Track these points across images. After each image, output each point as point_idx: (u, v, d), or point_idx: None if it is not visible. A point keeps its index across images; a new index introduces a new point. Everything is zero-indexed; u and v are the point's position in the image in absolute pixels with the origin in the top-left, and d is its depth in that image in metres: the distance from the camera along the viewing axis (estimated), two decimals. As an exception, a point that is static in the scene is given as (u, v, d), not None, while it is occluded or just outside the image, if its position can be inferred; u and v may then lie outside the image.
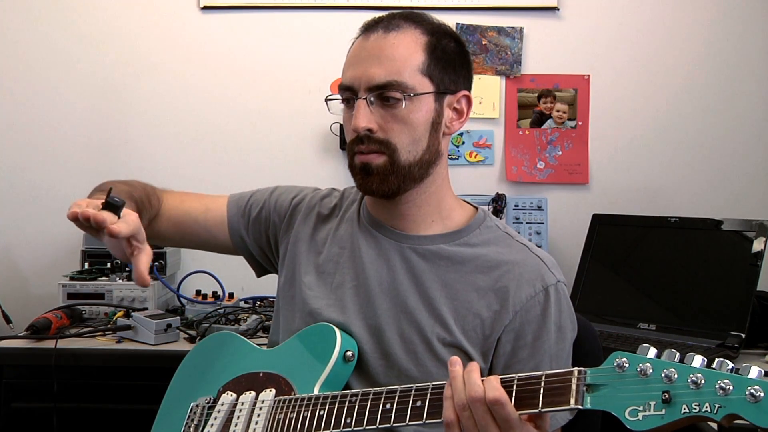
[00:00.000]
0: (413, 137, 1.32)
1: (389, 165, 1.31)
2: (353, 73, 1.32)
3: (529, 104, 2.78)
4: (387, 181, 1.32)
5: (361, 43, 1.35)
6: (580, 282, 2.46)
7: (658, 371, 0.93)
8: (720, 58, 2.75)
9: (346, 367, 1.34)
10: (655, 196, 2.74)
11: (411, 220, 1.39)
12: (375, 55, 1.31)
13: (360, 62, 1.33)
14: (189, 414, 1.44)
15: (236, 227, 1.57)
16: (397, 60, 1.30)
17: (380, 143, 1.31)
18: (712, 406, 0.88)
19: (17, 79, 2.75)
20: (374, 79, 1.29)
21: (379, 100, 1.30)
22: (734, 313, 2.14)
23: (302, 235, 1.50)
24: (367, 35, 1.35)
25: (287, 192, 1.59)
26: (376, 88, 1.30)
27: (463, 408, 1.06)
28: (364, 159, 1.32)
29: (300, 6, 2.75)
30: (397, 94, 1.29)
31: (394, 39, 1.32)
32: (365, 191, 1.37)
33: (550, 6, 2.74)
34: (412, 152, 1.32)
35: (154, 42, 2.76)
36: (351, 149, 1.34)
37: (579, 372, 1.01)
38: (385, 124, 1.31)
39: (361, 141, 1.31)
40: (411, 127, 1.31)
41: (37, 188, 2.75)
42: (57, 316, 2.26)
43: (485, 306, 1.32)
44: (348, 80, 1.33)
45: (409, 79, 1.30)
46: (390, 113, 1.30)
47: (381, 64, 1.30)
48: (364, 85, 1.30)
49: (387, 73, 1.29)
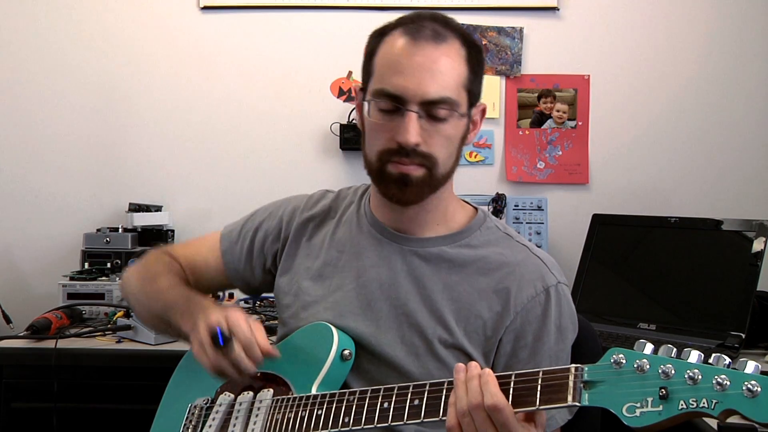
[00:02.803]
0: (450, 151, 1.32)
1: (427, 177, 1.30)
2: (404, 83, 1.26)
3: (529, 104, 2.78)
4: (422, 192, 1.32)
5: (408, 49, 1.28)
6: (580, 282, 2.46)
7: (655, 367, 0.93)
8: (720, 57, 2.75)
9: (344, 366, 1.34)
10: (655, 196, 2.74)
11: (417, 223, 1.39)
12: (428, 68, 1.26)
13: (412, 73, 1.26)
14: (187, 414, 1.44)
15: (232, 262, 1.56)
16: (448, 75, 1.28)
17: (423, 157, 1.29)
18: (709, 402, 0.88)
19: (17, 80, 2.76)
20: (429, 93, 1.26)
21: (428, 115, 1.28)
22: (734, 313, 2.13)
23: (298, 241, 1.50)
24: (415, 41, 1.28)
25: (276, 209, 1.57)
26: (429, 104, 1.27)
27: (463, 414, 1.07)
28: (404, 170, 1.29)
29: (300, 6, 2.75)
30: (446, 111, 1.28)
31: (444, 51, 1.28)
32: (398, 201, 1.34)
33: (550, 6, 2.74)
34: (446, 165, 1.32)
35: (154, 42, 2.76)
36: (385, 157, 1.30)
37: (576, 369, 1.01)
38: (429, 138, 1.28)
39: (405, 154, 1.28)
40: (450, 142, 1.31)
41: (38, 188, 2.76)
42: (57, 316, 2.27)
43: (487, 307, 1.32)
44: (398, 89, 1.27)
45: (457, 96, 1.29)
46: (435, 128, 1.28)
47: (434, 79, 1.26)
48: (418, 98, 1.26)
49: (440, 88, 1.26)
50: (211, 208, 2.76)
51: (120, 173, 2.77)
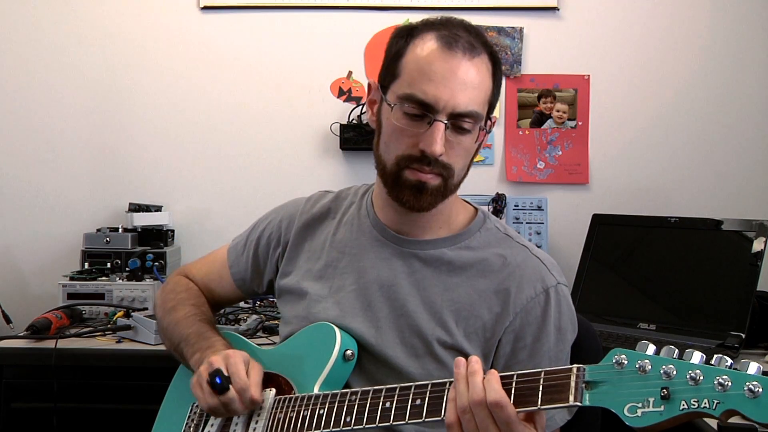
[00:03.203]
0: (465, 162, 1.33)
1: (442, 187, 1.31)
2: (437, 93, 1.25)
3: (529, 104, 2.78)
4: (436, 200, 1.32)
5: (445, 58, 1.26)
6: (580, 282, 2.46)
7: (657, 368, 0.93)
8: (720, 57, 2.75)
9: (346, 366, 1.34)
10: (655, 196, 2.74)
11: (420, 226, 1.39)
12: (462, 80, 1.26)
13: (446, 83, 1.25)
14: (189, 414, 1.44)
15: (239, 273, 1.59)
16: (479, 89, 1.28)
17: (443, 167, 1.29)
18: (710, 402, 0.88)
19: (17, 79, 2.76)
20: (460, 106, 1.25)
21: (454, 126, 1.28)
22: (734, 313, 2.14)
23: (300, 244, 1.50)
24: (451, 52, 1.27)
25: (275, 216, 1.57)
26: (457, 116, 1.27)
27: (464, 411, 1.07)
28: (422, 178, 1.29)
29: (300, 6, 2.75)
30: (471, 125, 1.28)
31: (477, 65, 1.28)
32: (412, 207, 1.33)
33: (550, 6, 2.74)
34: (460, 176, 1.33)
35: (154, 42, 2.76)
36: (403, 162, 1.30)
37: (578, 369, 1.01)
38: (450, 149, 1.28)
39: (427, 162, 1.28)
40: (468, 154, 1.33)
41: (38, 188, 2.76)
42: (57, 316, 2.27)
43: (487, 308, 1.33)
44: (429, 98, 1.25)
45: (482, 110, 1.29)
46: (457, 139, 1.28)
47: (466, 92, 1.26)
48: (449, 109, 1.25)
49: (470, 102, 1.26)
50: (211, 208, 2.76)
51: (120, 173, 2.77)
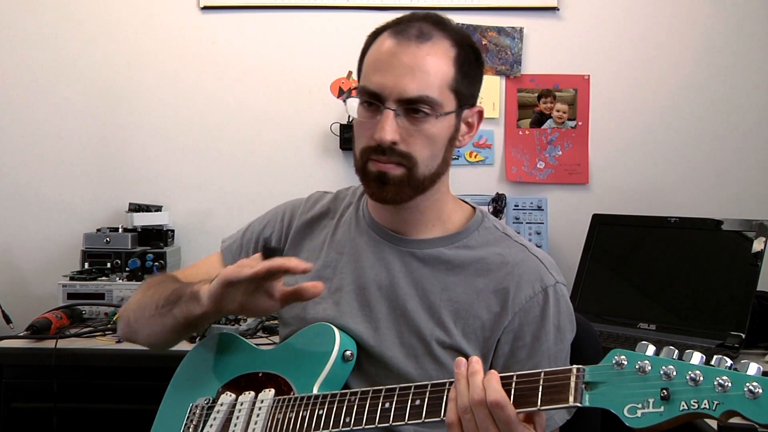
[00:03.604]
0: (433, 152, 1.31)
1: (407, 177, 1.30)
2: (382, 81, 1.27)
3: (529, 104, 2.78)
4: (402, 192, 1.31)
5: (392, 48, 1.28)
6: (580, 282, 2.46)
7: (657, 368, 0.93)
8: (719, 57, 2.75)
9: (345, 367, 1.34)
10: (655, 196, 2.74)
11: (412, 224, 1.39)
12: (408, 65, 1.26)
13: (391, 70, 1.27)
14: (188, 414, 1.44)
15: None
16: (430, 74, 1.27)
17: (401, 156, 1.28)
18: (710, 403, 0.88)
19: (17, 79, 2.76)
20: (407, 92, 1.26)
21: (407, 114, 1.27)
22: (734, 313, 2.14)
23: (299, 244, 1.50)
24: (398, 40, 1.28)
25: (273, 216, 1.56)
26: (406, 102, 1.27)
27: (465, 411, 1.06)
28: (382, 168, 1.29)
29: (300, 6, 2.75)
30: (427, 110, 1.27)
31: (428, 50, 1.28)
32: (377, 199, 1.34)
33: (550, 6, 2.74)
34: (429, 166, 1.31)
35: (154, 42, 2.76)
36: (365, 155, 1.31)
37: (578, 370, 1.01)
38: (408, 137, 1.28)
39: (382, 152, 1.28)
40: (433, 142, 1.30)
41: (38, 188, 2.76)
42: (57, 316, 2.27)
43: (485, 308, 1.32)
44: (376, 87, 1.28)
45: (439, 96, 1.28)
46: (415, 127, 1.28)
47: (414, 77, 1.26)
48: (395, 96, 1.26)
49: (420, 87, 1.26)
50: (211, 208, 2.75)
51: (120, 173, 2.77)
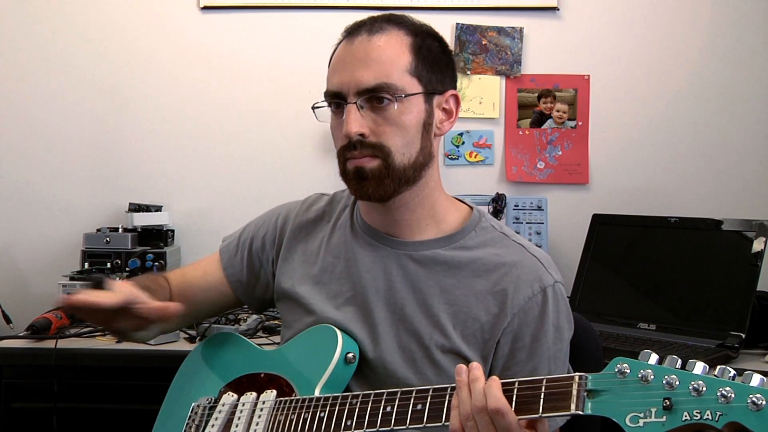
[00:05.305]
0: (406, 139, 1.31)
1: (384, 168, 1.30)
2: (340, 79, 1.31)
3: (529, 104, 2.77)
4: (383, 184, 1.30)
5: (345, 47, 1.34)
6: (580, 282, 2.46)
7: (660, 378, 0.92)
8: (720, 57, 2.74)
9: (348, 369, 1.34)
10: (655, 196, 2.74)
11: (405, 225, 1.38)
12: (361, 58, 1.30)
13: (346, 67, 1.31)
14: (190, 414, 1.44)
15: (234, 275, 1.55)
16: (385, 62, 1.29)
17: (373, 147, 1.29)
18: (713, 414, 0.87)
19: (17, 79, 2.75)
20: (363, 82, 1.28)
21: (369, 104, 1.29)
22: (734, 313, 2.14)
23: (295, 247, 1.50)
24: (351, 39, 1.33)
25: (269, 217, 1.57)
26: (365, 92, 1.28)
27: (467, 418, 1.07)
28: (358, 163, 1.30)
29: (300, 6, 2.74)
30: (387, 96, 1.28)
31: (379, 41, 1.31)
32: (360, 196, 1.35)
33: (550, 6, 2.73)
34: (406, 155, 1.31)
35: (154, 42, 2.75)
36: (342, 156, 1.32)
37: (580, 377, 1.01)
38: (376, 127, 1.29)
39: (353, 147, 1.29)
40: (403, 129, 1.30)
41: (37, 188, 2.75)
42: (57, 316, 2.26)
43: (484, 310, 1.32)
44: (335, 86, 1.31)
45: (398, 81, 1.29)
46: (381, 116, 1.29)
47: (368, 68, 1.28)
48: (353, 89, 1.28)
49: (375, 75, 1.28)
50: (211, 208, 2.75)
51: (120, 173, 2.77)
